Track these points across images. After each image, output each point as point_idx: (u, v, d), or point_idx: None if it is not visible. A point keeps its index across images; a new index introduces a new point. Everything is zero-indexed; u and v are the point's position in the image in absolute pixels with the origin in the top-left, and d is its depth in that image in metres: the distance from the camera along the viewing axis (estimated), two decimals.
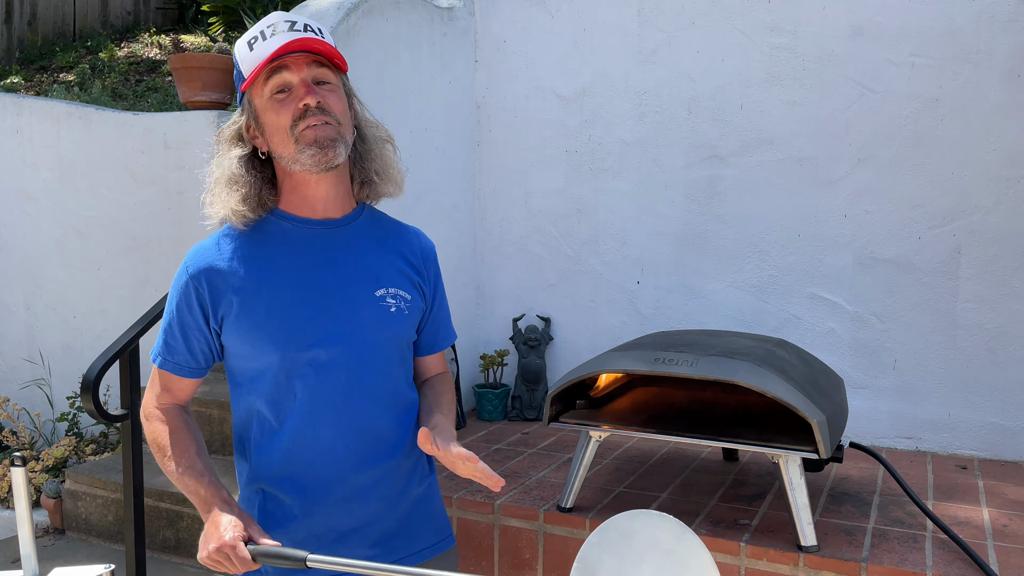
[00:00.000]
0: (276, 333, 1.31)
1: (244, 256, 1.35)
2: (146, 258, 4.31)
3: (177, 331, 1.36)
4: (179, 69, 4.36)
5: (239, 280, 1.33)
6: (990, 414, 2.77)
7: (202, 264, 1.35)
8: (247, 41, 1.33)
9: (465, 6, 3.40)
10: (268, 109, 1.31)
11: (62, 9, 7.88)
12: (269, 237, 1.36)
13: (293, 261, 1.34)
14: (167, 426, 1.36)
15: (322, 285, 1.34)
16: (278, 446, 1.35)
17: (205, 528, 1.26)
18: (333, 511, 1.35)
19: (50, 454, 3.75)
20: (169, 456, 1.33)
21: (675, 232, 3.18)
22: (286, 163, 1.32)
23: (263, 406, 1.35)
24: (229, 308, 1.32)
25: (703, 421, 2.23)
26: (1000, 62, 2.69)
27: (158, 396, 1.40)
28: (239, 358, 1.35)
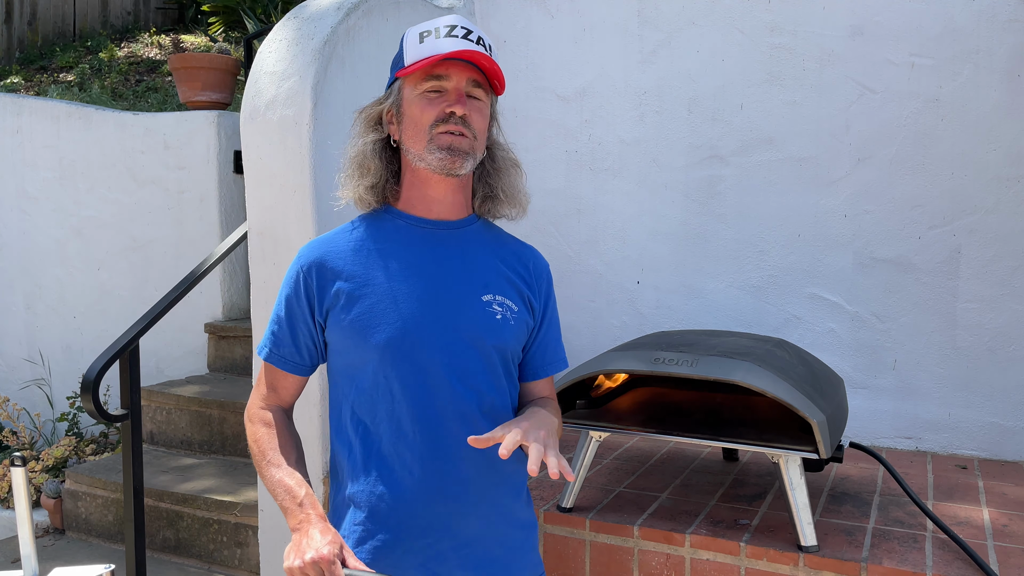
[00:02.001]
0: (379, 328, 1.29)
1: (355, 250, 1.36)
2: (146, 258, 4.31)
3: (285, 323, 1.36)
4: (179, 69, 4.37)
5: (347, 273, 1.33)
6: (990, 414, 2.77)
7: (313, 256, 1.36)
8: (420, 32, 1.33)
9: (465, 6, 3.40)
10: (415, 102, 1.32)
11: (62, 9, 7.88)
12: (382, 233, 1.37)
13: (403, 258, 1.34)
14: (271, 428, 1.35)
15: (429, 284, 1.33)
16: (375, 445, 1.31)
17: (296, 537, 1.22)
18: (432, 525, 1.29)
19: (50, 454, 3.75)
20: (268, 460, 1.31)
21: (675, 232, 3.18)
22: (412, 158, 1.34)
23: (361, 406, 1.32)
24: (335, 300, 1.32)
25: (703, 421, 2.23)
26: (1000, 62, 2.69)
27: (264, 396, 1.39)
28: (341, 354, 1.34)
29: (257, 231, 2.60)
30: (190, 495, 3.11)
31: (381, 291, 1.31)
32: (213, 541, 3.07)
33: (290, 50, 2.58)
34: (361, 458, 1.32)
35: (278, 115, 2.51)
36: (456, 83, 1.31)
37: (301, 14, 2.68)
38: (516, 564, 1.36)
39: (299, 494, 1.27)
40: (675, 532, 2.11)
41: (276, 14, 6.70)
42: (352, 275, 1.33)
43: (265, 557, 2.69)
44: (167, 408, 3.68)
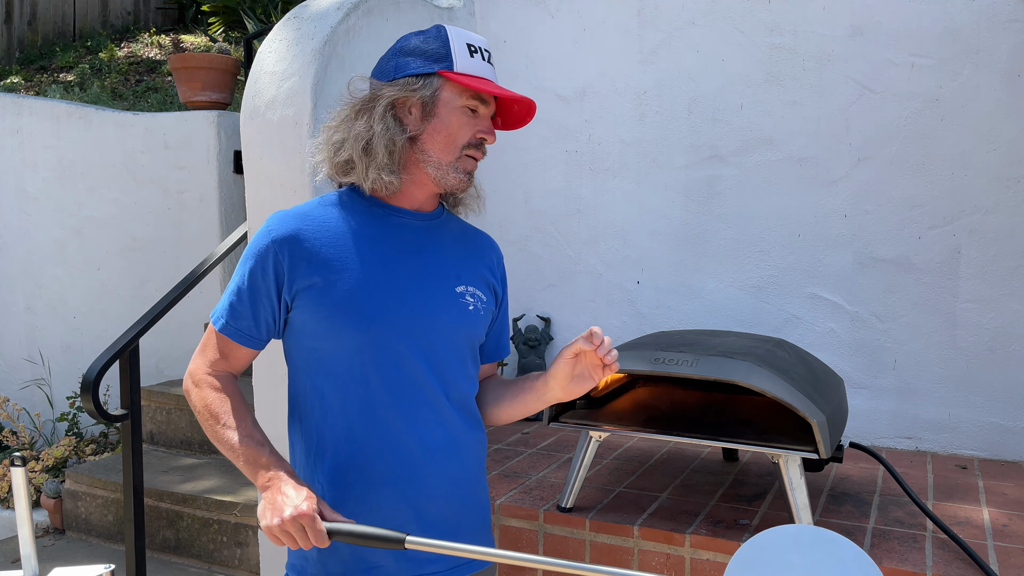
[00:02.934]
0: (360, 315, 1.28)
1: (333, 231, 1.31)
2: (146, 258, 4.31)
3: (247, 296, 1.30)
4: (179, 69, 4.37)
5: (324, 255, 1.29)
6: (990, 414, 2.77)
7: (288, 231, 1.30)
8: (467, 44, 1.32)
9: (465, 6, 3.40)
10: (455, 112, 1.30)
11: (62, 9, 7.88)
12: (360, 217, 1.34)
13: (381, 246, 1.32)
14: (222, 393, 1.31)
15: (408, 272, 1.33)
16: (343, 433, 1.30)
17: (269, 496, 1.20)
18: (398, 506, 1.30)
19: (50, 454, 3.75)
20: (224, 424, 1.27)
21: (675, 232, 3.18)
22: (427, 162, 1.32)
23: (330, 389, 1.30)
24: (309, 282, 1.28)
25: (703, 421, 2.23)
26: (1000, 62, 2.69)
27: (212, 363, 1.33)
28: (311, 337, 1.30)
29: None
30: (190, 495, 3.11)
31: (361, 278, 1.29)
32: (213, 541, 3.07)
33: (290, 50, 2.58)
34: (330, 441, 1.31)
35: (278, 115, 2.51)
36: (489, 111, 1.34)
37: (301, 14, 2.68)
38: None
39: (262, 453, 1.25)
40: (675, 532, 2.11)
41: (276, 14, 6.70)
42: (329, 258, 1.29)
43: (265, 557, 2.69)
44: (167, 408, 3.68)
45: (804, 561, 1.00)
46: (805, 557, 1.00)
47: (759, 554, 1.01)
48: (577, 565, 1.04)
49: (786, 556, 1.01)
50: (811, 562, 1.00)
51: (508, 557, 1.09)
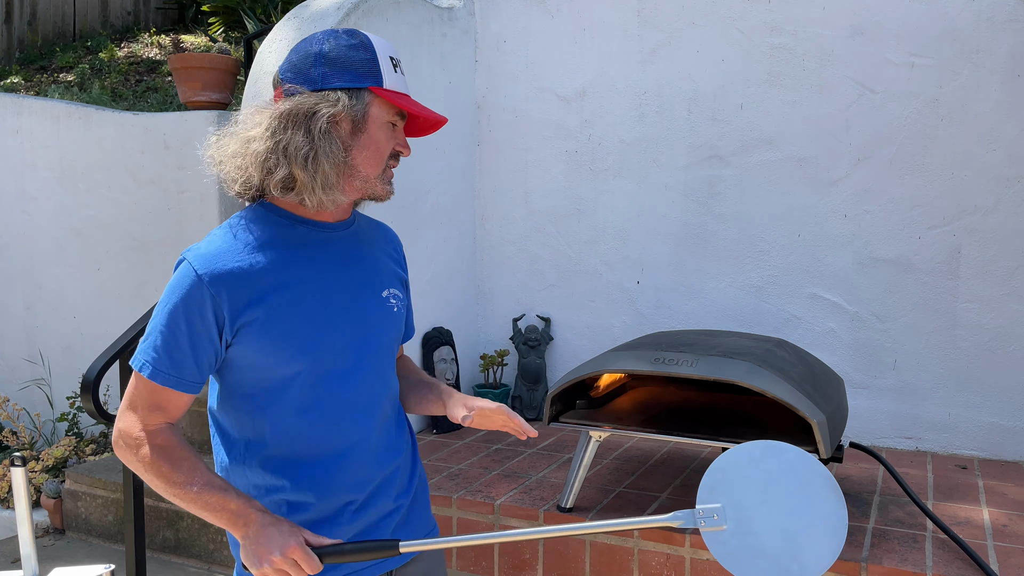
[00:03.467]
0: (306, 341, 1.27)
1: (264, 260, 1.27)
2: (146, 258, 4.31)
3: (185, 342, 1.24)
4: (179, 69, 4.37)
5: (262, 287, 1.26)
6: (990, 414, 2.77)
7: (219, 269, 1.24)
8: (390, 57, 1.32)
9: (465, 6, 3.40)
10: (382, 128, 1.31)
11: (62, 9, 7.88)
12: (284, 239, 1.31)
13: (313, 266, 1.31)
14: (165, 446, 1.24)
15: (340, 288, 1.33)
16: (312, 450, 1.31)
17: (251, 541, 1.19)
18: (360, 505, 1.34)
19: (50, 454, 3.75)
20: (176, 480, 1.22)
21: (675, 232, 3.18)
22: (355, 176, 1.30)
23: (284, 416, 1.29)
24: (252, 318, 1.25)
25: (703, 421, 2.23)
26: (1000, 62, 2.69)
27: (144, 417, 1.26)
28: (255, 369, 1.27)
29: None
30: None
31: (302, 303, 1.28)
32: (213, 541, 3.07)
33: None
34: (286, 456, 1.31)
35: None
36: (403, 126, 1.36)
37: (301, 14, 2.68)
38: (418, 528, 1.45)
39: (229, 498, 1.22)
40: (675, 532, 2.11)
41: (276, 14, 6.70)
42: (271, 286, 1.26)
43: None
44: None
45: (759, 473, 1.18)
46: (759, 469, 1.18)
47: (721, 476, 1.18)
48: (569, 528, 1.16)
49: (743, 472, 1.18)
50: (765, 472, 1.17)
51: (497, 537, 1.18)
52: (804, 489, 1.17)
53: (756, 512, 1.16)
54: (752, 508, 1.16)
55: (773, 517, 1.15)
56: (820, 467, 1.16)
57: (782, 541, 1.14)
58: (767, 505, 1.16)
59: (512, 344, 3.46)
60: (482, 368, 3.36)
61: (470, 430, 3.16)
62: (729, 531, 1.15)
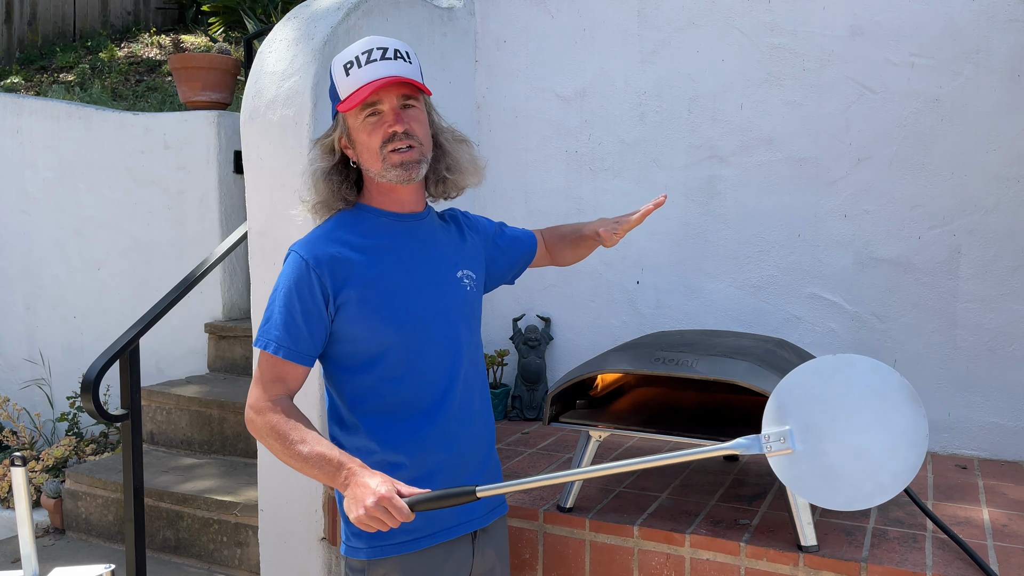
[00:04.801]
0: (396, 313, 1.50)
1: (356, 246, 1.53)
2: (146, 258, 4.31)
3: (301, 320, 1.46)
4: (179, 69, 4.37)
5: (358, 268, 1.50)
6: (990, 414, 2.77)
7: (320, 253, 1.49)
8: (343, 65, 1.48)
9: (465, 6, 3.40)
10: (360, 130, 1.50)
11: (62, 9, 7.88)
12: (373, 229, 1.56)
13: (397, 250, 1.55)
14: (285, 413, 1.45)
15: (422, 269, 1.56)
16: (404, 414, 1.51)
17: (350, 492, 1.35)
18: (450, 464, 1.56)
19: (50, 454, 3.75)
20: (292, 438, 1.41)
21: (675, 232, 3.18)
22: (374, 175, 1.53)
23: (384, 382, 1.51)
24: (349, 296, 1.48)
25: (703, 421, 2.23)
26: (1000, 62, 2.69)
27: (267, 389, 1.47)
28: (354, 342, 1.50)
29: (257, 231, 2.60)
30: (190, 495, 3.11)
31: (389, 282, 1.51)
32: (213, 541, 3.07)
33: (290, 50, 2.58)
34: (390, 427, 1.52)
35: (278, 115, 2.51)
36: (390, 104, 1.49)
37: (301, 14, 2.68)
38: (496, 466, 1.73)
39: (333, 455, 1.39)
40: (675, 532, 2.11)
41: (276, 14, 6.70)
42: (363, 267, 1.50)
43: (265, 557, 2.69)
44: (167, 408, 3.68)
45: (829, 390, 1.09)
46: (829, 386, 1.09)
47: (788, 397, 1.10)
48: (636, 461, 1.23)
49: (812, 391, 1.09)
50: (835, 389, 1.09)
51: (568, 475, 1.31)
52: (878, 402, 1.08)
53: (826, 431, 1.07)
54: (822, 428, 1.07)
55: (845, 435, 1.07)
56: (896, 377, 1.08)
57: (855, 460, 1.05)
58: (838, 423, 1.07)
59: (512, 344, 3.46)
60: None
61: None
62: (798, 454, 1.07)
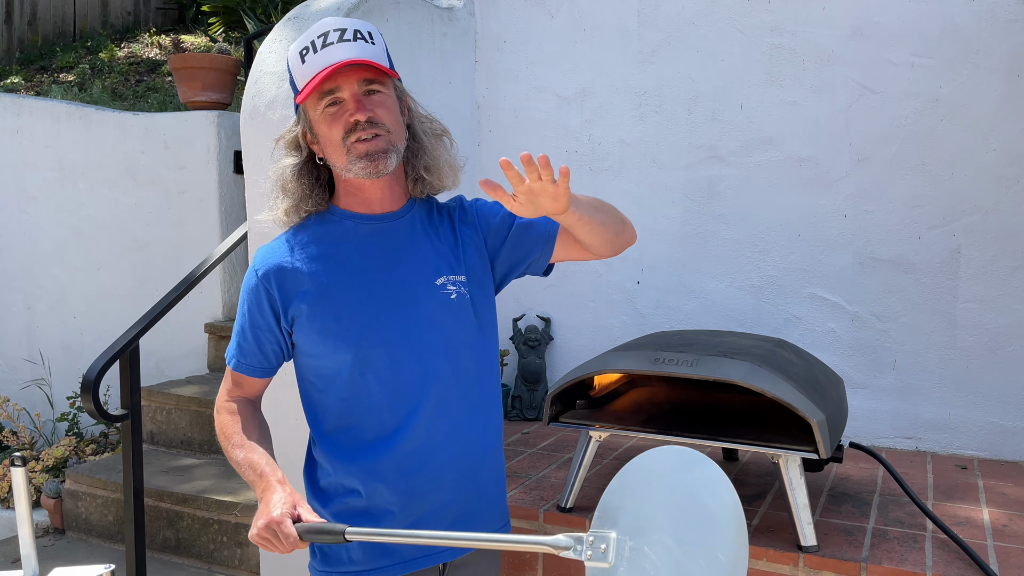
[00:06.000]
0: (348, 331, 1.35)
1: (311, 256, 1.39)
2: (146, 258, 4.31)
3: (249, 334, 1.41)
4: (179, 69, 4.37)
5: (309, 281, 1.37)
6: (990, 414, 2.77)
7: (271, 265, 1.39)
8: (299, 52, 1.36)
9: (465, 6, 3.40)
10: (321, 121, 1.36)
11: (62, 9, 7.88)
12: (333, 235, 1.42)
13: (358, 258, 1.40)
14: (234, 416, 1.42)
15: (388, 280, 1.39)
16: (357, 438, 1.39)
17: (260, 506, 1.29)
18: (415, 496, 1.39)
19: (50, 454, 3.75)
20: (232, 443, 1.38)
21: (675, 232, 3.18)
22: (340, 170, 1.38)
23: (338, 403, 1.39)
24: (300, 309, 1.37)
25: (703, 421, 2.23)
26: (1000, 62, 2.69)
27: (229, 391, 1.47)
28: (312, 357, 1.39)
29: (257, 231, 2.60)
30: (190, 495, 3.11)
31: (344, 295, 1.36)
32: (213, 541, 3.07)
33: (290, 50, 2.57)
34: (345, 450, 1.40)
35: (279, 115, 2.51)
36: (350, 90, 1.34)
37: (301, 14, 2.68)
38: (484, 521, 1.47)
39: (259, 465, 1.33)
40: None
41: (276, 14, 6.70)
42: (314, 280, 1.37)
43: (265, 557, 2.69)
44: (167, 408, 3.68)
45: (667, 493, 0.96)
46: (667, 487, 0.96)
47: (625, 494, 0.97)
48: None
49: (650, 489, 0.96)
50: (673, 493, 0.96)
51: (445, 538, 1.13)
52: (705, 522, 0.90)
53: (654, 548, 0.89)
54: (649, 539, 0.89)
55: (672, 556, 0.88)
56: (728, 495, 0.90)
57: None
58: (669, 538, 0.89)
59: (512, 344, 3.46)
60: None
61: None
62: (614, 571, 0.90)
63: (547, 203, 1.26)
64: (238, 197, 4.22)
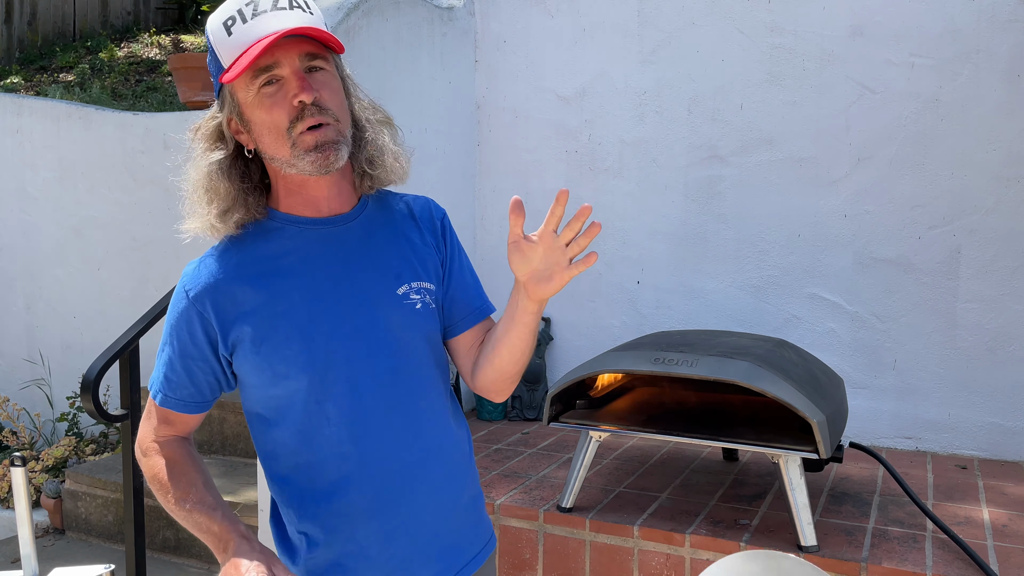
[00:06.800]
0: (300, 356, 1.15)
1: (251, 272, 1.17)
2: (146, 258, 4.31)
3: (178, 364, 1.19)
4: (179, 69, 4.37)
5: (251, 299, 1.15)
6: (990, 414, 2.77)
7: (204, 284, 1.16)
8: (223, 23, 1.12)
9: (465, 6, 3.40)
10: (256, 105, 1.12)
11: (62, 9, 7.88)
12: (276, 245, 1.19)
13: (306, 270, 1.18)
14: (168, 460, 1.20)
15: (341, 293, 1.18)
16: (318, 477, 1.19)
17: (224, 570, 1.10)
18: (388, 537, 1.20)
19: (50, 454, 3.75)
20: (173, 493, 1.17)
21: (675, 232, 3.18)
22: (280, 165, 1.15)
23: (293, 437, 1.19)
24: (242, 333, 1.15)
25: (703, 421, 2.23)
26: (1000, 62, 2.69)
27: (156, 429, 1.23)
28: (259, 388, 1.18)
29: None
30: None
31: (293, 313, 1.16)
32: None
33: None
34: (306, 493, 1.21)
35: None
36: (291, 66, 1.11)
37: None
38: (468, 545, 1.29)
39: (214, 520, 1.13)
40: (675, 532, 2.11)
41: None
42: (256, 300, 1.15)
43: None
44: None
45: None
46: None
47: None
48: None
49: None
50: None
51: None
52: None
53: None
54: None
55: None
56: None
57: None
58: None
59: None
60: None
61: (471, 429, 3.15)
62: None
63: (545, 274, 1.09)
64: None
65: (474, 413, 3.43)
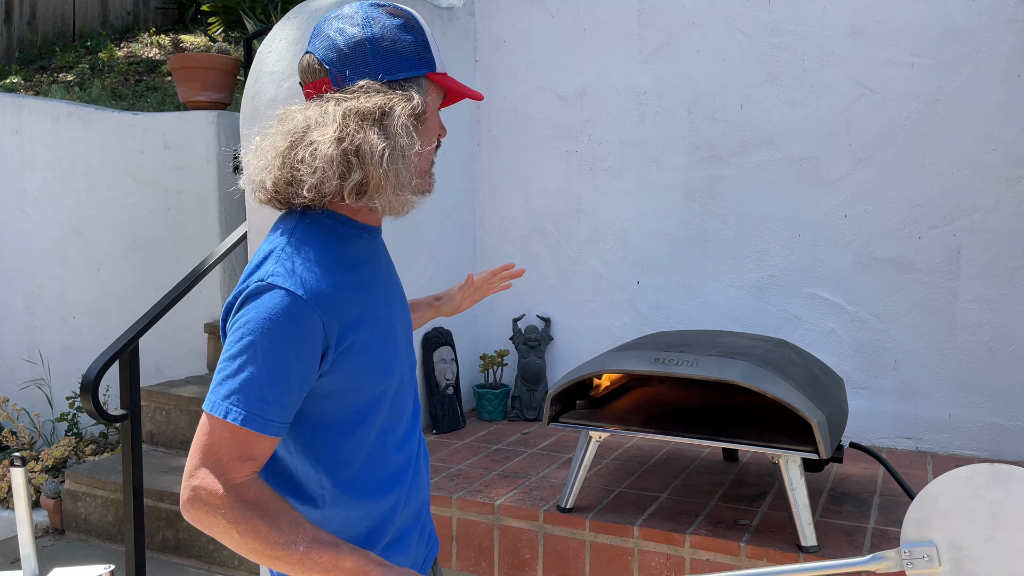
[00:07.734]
0: (391, 358, 1.19)
1: (351, 280, 1.15)
2: (146, 258, 4.31)
3: (295, 380, 1.07)
4: (179, 69, 4.37)
5: (356, 309, 1.14)
6: (990, 414, 2.77)
7: (325, 291, 1.10)
8: (429, 34, 1.19)
9: (465, 6, 3.40)
10: (436, 118, 1.20)
11: (62, 9, 7.88)
12: (355, 252, 1.19)
13: (374, 275, 1.21)
14: (260, 504, 1.06)
15: (393, 299, 1.25)
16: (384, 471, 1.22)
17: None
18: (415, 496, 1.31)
19: (50, 454, 3.75)
20: (278, 541, 1.04)
21: (675, 232, 3.18)
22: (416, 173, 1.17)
23: (374, 438, 1.19)
24: (354, 342, 1.12)
25: (703, 421, 2.23)
26: (1000, 62, 2.69)
27: (235, 468, 1.06)
28: (345, 395, 1.14)
29: (257, 231, 2.60)
30: None
31: (378, 318, 1.18)
32: (213, 541, 3.07)
33: (290, 50, 2.58)
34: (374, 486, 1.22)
35: None
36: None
37: (301, 14, 2.68)
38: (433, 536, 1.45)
39: (342, 557, 1.06)
40: (675, 532, 2.11)
41: (276, 14, 6.70)
42: (358, 308, 1.14)
43: None
44: (167, 408, 3.68)
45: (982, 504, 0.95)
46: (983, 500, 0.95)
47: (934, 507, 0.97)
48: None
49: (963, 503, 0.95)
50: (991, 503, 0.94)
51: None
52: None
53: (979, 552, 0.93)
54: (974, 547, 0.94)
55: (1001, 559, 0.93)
56: None
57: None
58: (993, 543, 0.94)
59: (512, 344, 3.46)
60: (482, 368, 3.36)
61: (470, 430, 3.15)
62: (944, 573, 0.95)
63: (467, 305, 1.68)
64: (238, 197, 4.22)
65: (474, 413, 3.43)
